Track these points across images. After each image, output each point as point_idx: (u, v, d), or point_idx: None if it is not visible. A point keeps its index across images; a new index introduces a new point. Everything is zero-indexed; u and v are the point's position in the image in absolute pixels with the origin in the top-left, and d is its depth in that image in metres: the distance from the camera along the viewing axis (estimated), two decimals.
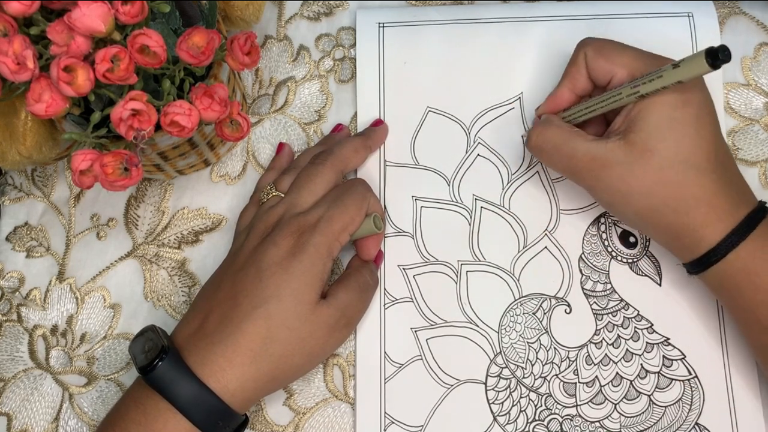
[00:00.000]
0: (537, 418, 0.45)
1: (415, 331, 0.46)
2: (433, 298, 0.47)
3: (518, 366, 0.46)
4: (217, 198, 0.50)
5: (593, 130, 0.44)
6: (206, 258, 0.49)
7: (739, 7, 0.52)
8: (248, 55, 0.40)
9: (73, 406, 0.47)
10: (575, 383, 0.45)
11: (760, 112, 0.50)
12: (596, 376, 0.45)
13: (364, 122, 0.50)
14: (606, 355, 0.46)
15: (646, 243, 0.47)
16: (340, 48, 0.53)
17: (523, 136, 0.49)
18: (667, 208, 0.39)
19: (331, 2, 0.54)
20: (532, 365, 0.46)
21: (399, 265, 0.47)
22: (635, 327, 0.46)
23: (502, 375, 0.45)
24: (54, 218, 0.50)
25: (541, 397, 0.45)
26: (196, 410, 0.37)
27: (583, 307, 0.46)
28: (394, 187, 0.49)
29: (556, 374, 0.45)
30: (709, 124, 0.39)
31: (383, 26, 0.51)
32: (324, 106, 0.52)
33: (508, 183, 0.49)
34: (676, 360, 0.45)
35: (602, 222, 0.48)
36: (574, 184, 0.48)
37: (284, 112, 0.51)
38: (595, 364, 0.45)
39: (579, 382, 0.45)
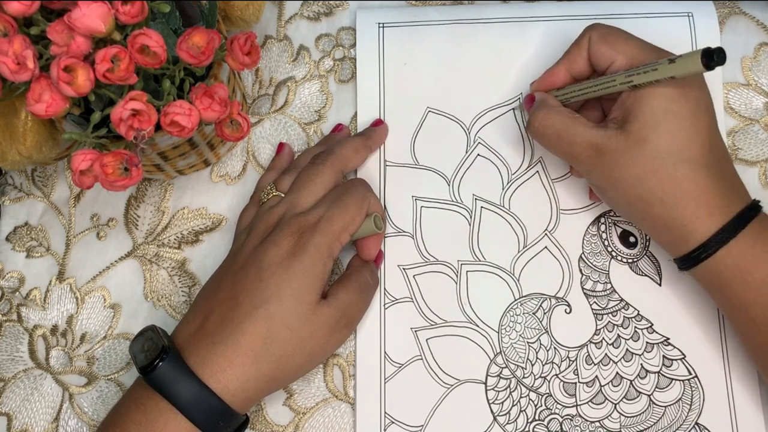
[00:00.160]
0: (537, 418, 0.45)
1: (415, 331, 0.46)
2: (433, 298, 0.47)
3: (518, 366, 0.46)
4: (217, 198, 0.50)
5: (591, 116, 0.45)
6: (206, 258, 0.49)
7: (739, 7, 0.52)
8: (248, 55, 0.40)
9: (73, 406, 0.47)
10: (575, 383, 0.45)
11: (760, 112, 0.50)
12: (596, 376, 0.45)
13: (364, 122, 0.50)
14: (606, 355, 0.46)
15: (646, 243, 0.47)
16: (340, 48, 0.53)
17: (514, 109, 0.49)
18: (654, 197, 0.39)
19: (331, 2, 0.54)
20: (532, 365, 0.46)
21: (399, 265, 0.47)
22: (635, 327, 0.46)
23: (502, 375, 0.45)
24: (54, 218, 0.50)
25: (541, 397, 0.45)
26: (197, 410, 0.37)
27: (583, 307, 0.46)
28: (394, 187, 0.49)
29: (556, 374, 0.45)
30: (705, 120, 0.39)
31: (383, 26, 0.51)
32: (324, 106, 0.52)
33: (508, 183, 0.49)
34: (676, 360, 0.45)
35: (602, 222, 0.48)
36: (574, 184, 0.48)
37: (284, 112, 0.51)
38: (595, 364, 0.45)
39: (579, 382, 0.45)
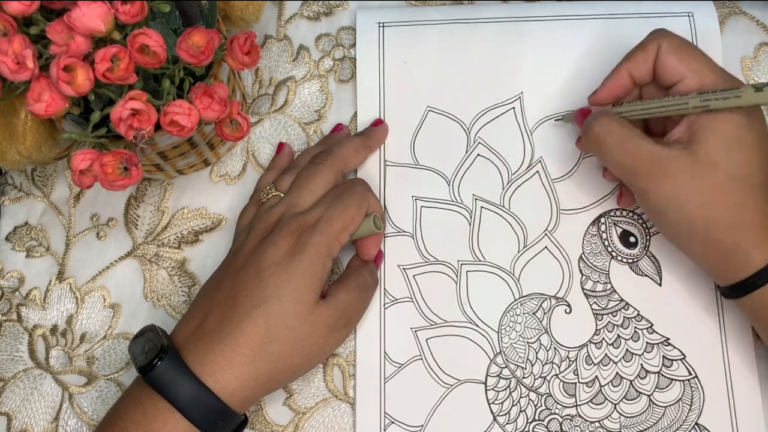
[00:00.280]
0: (537, 418, 0.45)
1: (415, 331, 0.46)
2: (433, 298, 0.47)
3: (518, 366, 0.45)
4: (217, 198, 0.50)
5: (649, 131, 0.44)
6: (206, 258, 0.49)
7: (739, 7, 0.52)
8: (248, 55, 0.40)
9: (72, 406, 0.47)
10: (575, 383, 0.45)
11: None
12: (596, 376, 0.45)
13: (364, 122, 0.50)
14: (606, 355, 0.46)
15: (647, 243, 0.47)
16: (340, 48, 0.53)
17: (557, 120, 0.48)
18: (721, 222, 0.39)
19: (331, 2, 0.54)
20: (532, 365, 0.46)
21: (399, 265, 0.47)
22: (635, 327, 0.46)
23: (502, 375, 0.45)
24: (54, 218, 0.50)
25: (541, 397, 0.45)
26: (196, 410, 0.37)
27: (583, 307, 0.46)
28: (394, 187, 0.49)
29: (556, 374, 0.45)
30: (767, 149, 0.39)
31: (383, 26, 0.51)
32: (324, 106, 0.52)
33: (508, 183, 0.49)
34: (676, 360, 0.45)
35: (602, 222, 0.48)
36: (574, 184, 0.48)
37: (284, 112, 0.51)
38: (595, 364, 0.45)
39: (579, 382, 0.45)
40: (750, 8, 0.52)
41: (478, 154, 0.49)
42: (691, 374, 0.45)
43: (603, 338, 0.46)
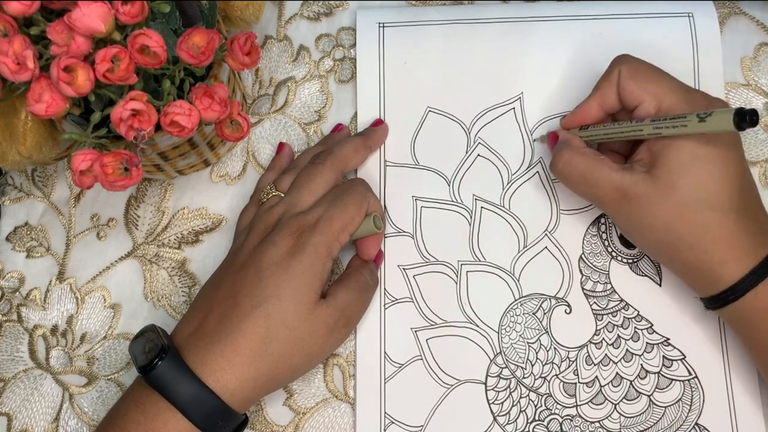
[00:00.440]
0: (537, 418, 0.45)
1: (415, 331, 0.46)
2: (433, 298, 0.47)
3: (518, 366, 0.46)
4: (217, 198, 0.50)
5: (616, 150, 0.45)
6: (206, 258, 0.49)
7: (739, 7, 0.52)
8: (248, 55, 0.40)
9: (73, 406, 0.47)
10: (575, 383, 0.45)
11: (760, 112, 0.50)
12: (596, 377, 0.45)
13: (364, 122, 0.50)
14: (606, 355, 0.46)
15: None
16: (340, 48, 0.53)
17: (534, 140, 0.49)
18: (683, 243, 0.39)
19: (331, 2, 0.54)
20: (532, 365, 0.46)
21: (399, 265, 0.47)
22: (635, 327, 0.46)
23: (502, 375, 0.45)
24: (54, 218, 0.50)
25: (541, 397, 0.45)
26: (196, 410, 0.37)
27: (583, 308, 0.46)
28: (394, 187, 0.49)
29: (556, 374, 0.45)
30: (734, 164, 0.39)
31: (383, 26, 0.51)
32: (324, 106, 0.52)
33: (508, 183, 0.49)
34: (676, 360, 0.45)
35: (602, 222, 0.48)
36: None
37: (284, 112, 0.51)
38: (595, 365, 0.45)
39: (579, 382, 0.45)
40: (750, 8, 0.52)
41: (478, 155, 0.49)
42: (691, 374, 0.45)
43: (603, 338, 0.46)
